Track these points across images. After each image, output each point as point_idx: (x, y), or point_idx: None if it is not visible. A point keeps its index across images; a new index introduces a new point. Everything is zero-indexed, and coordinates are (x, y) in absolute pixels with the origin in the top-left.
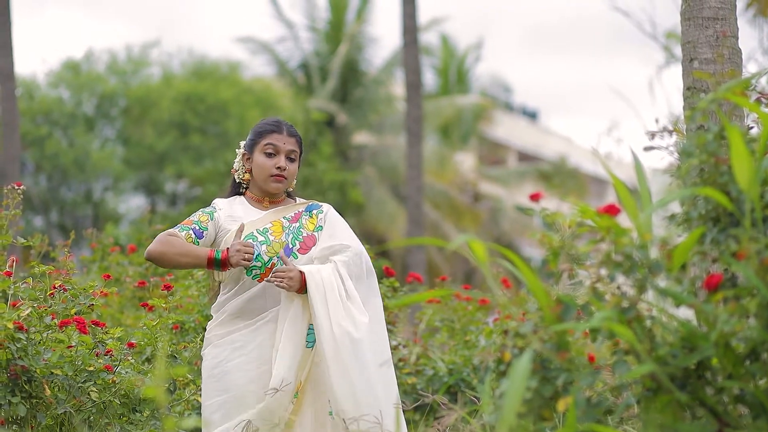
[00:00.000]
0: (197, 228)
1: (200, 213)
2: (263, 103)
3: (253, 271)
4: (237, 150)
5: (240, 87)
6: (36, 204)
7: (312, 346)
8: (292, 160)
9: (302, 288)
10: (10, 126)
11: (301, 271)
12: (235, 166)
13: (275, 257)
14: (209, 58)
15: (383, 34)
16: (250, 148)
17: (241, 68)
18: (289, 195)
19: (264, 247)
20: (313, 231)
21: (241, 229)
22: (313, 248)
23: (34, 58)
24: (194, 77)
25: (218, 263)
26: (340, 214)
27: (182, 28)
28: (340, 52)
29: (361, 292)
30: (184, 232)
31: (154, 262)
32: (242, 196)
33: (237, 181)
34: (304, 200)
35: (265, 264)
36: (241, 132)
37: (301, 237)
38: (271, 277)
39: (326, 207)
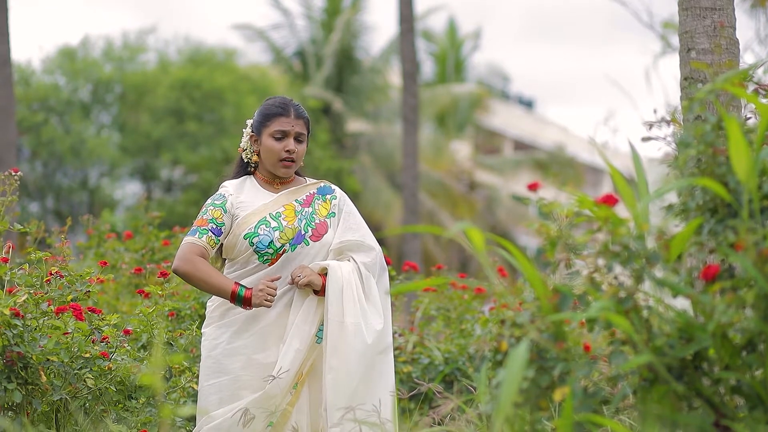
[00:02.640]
0: (214, 227)
1: (212, 208)
2: (259, 91)
3: (264, 256)
4: (244, 129)
5: (236, 74)
6: (32, 190)
7: (321, 342)
8: (300, 142)
9: (322, 289)
10: (5, 112)
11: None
12: (243, 145)
13: (287, 244)
14: (205, 45)
15: (380, 22)
16: (258, 130)
17: (237, 55)
18: (298, 174)
19: (276, 233)
20: (326, 217)
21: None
22: (325, 235)
23: (31, 45)
24: (190, 64)
25: (240, 300)
26: None
27: (178, 14)
28: (332, 40)
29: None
30: (204, 236)
31: (180, 277)
32: (252, 177)
33: (245, 160)
34: (314, 180)
35: (276, 250)
36: (238, 119)
37: (313, 223)
38: (296, 282)
39: (339, 193)
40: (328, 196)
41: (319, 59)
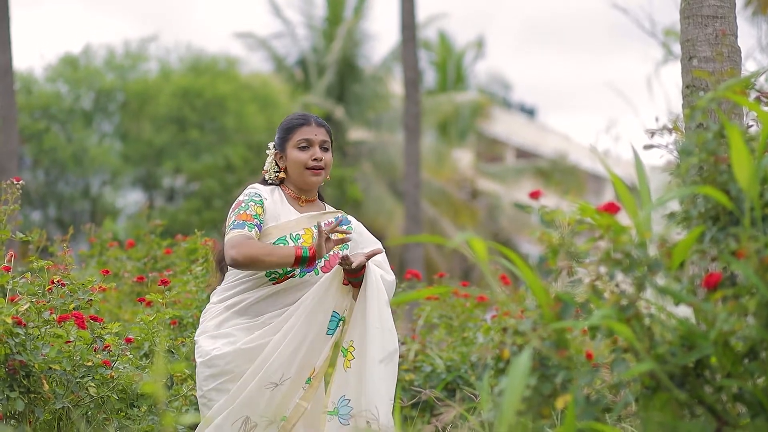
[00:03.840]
0: (258, 222)
1: (254, 204)
2: (261, 99)
3: (272, 274)
4: (267, 152)
5: (238, 83)
6: (34, 198)
7: (332, 333)
8: (326, 150)
9: (353, 281)
10: (8, 120)
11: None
12: (266, 167)
13: (298, 269)
14: (207, 53)
15: (381, 31)
16: (282, 146)
17: (238, 64)
18: (319, 196)
19: None
20: (339, 249)
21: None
22: (335, 268)
23: (32, 53)
24: (192, 72)
25: (305, 261)
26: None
27: (180, 23)
28: (334, 48)
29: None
30: (253, 230)
31: (243, 268)
32: (280, 189)
33: (269, 181)
34: (333, 209)
35: (286, 272)
36: (239, 127)
37: (327, 255)
38: (333, 232)
39: (354, 224)
40: (344, 228)
41: (320, 68)
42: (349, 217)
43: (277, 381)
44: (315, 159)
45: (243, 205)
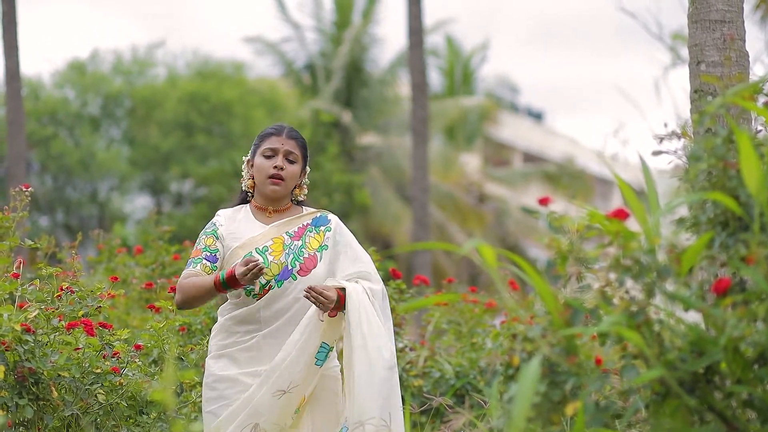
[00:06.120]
0: (208, 254)
1: (204, 237)
2: (268, 104)
3: (252, 292)
4: (243, 158)
5: (245, 87)
6: (41, 204)
7: (321, 364)
8: (291, 162)
9: (338, 307)
10: (15, 126)
11: (338, 291)
12: (243, 174)
13: (272, 280)
14: (213, 58)
15: (389, 35)
16: (252, 154)
17: (245, 69)
18: (300, 203)
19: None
20: (316, 251)
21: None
22: (313, 270)
23: (40, 59)
24: (199, 77)
25: (225, 283)
26: (347, 217)
27: (187, 28)
28: (341, 53)
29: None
30: (199, 265)
31: (188, 308)
32: (247, 207)
33: (244, 189)
34: (313, 209)
35: (262, 286)
36: (246, 132)
37: (301, 258)
38: (309, 293)
39: (334, 224)
40: (322, 228)
41: (328, 72)
42: (331, 217)
43: (285, 388)
44: (275, 167)
45: (198, 239)
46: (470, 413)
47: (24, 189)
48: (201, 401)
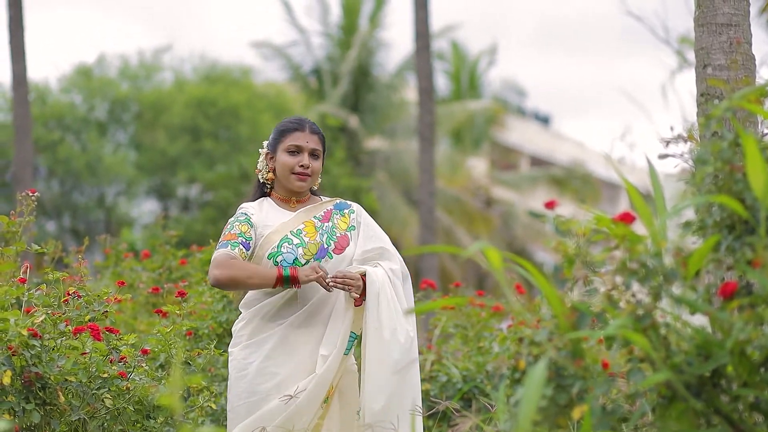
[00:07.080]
0: (244, 240)
1: (238, 223)
2: (275, 108)
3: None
4: (260, 150)
5: (252, 91)
6: (48, 209)
7: (348, 353)
8: (315, 158)
9: (363, 294)
10: (22, 131)
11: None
12: (259, 166)
13: (312, 259)
14: (220, 62)
15: (396, 39)
16: (273, 148)
17: (252, 73)
18: (313, 193)
19: (300, 249)
20: (346, 231)
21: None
22: (347, 248)
23: (47, 63)
24: (206, 82)
25: (287, 281)
26: None
27: (193, 32)
28: (349, 57)
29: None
30: (236, 248)
31: (223, 288)
32: (269, 198)
33: (261, 181)
34: (329, 198)
35: (301, 265)
36: (253, 136)
37: (335, 237)
38: (335, 281)
39: (356, 207)
40: (346, 211)
41: (335, 76)
42: (350, 203)
43: (292, 393)
44: (302, 165)
45: (229, 225)
46: (477, 417)
47: (31, 194)
48: (207, 405)
